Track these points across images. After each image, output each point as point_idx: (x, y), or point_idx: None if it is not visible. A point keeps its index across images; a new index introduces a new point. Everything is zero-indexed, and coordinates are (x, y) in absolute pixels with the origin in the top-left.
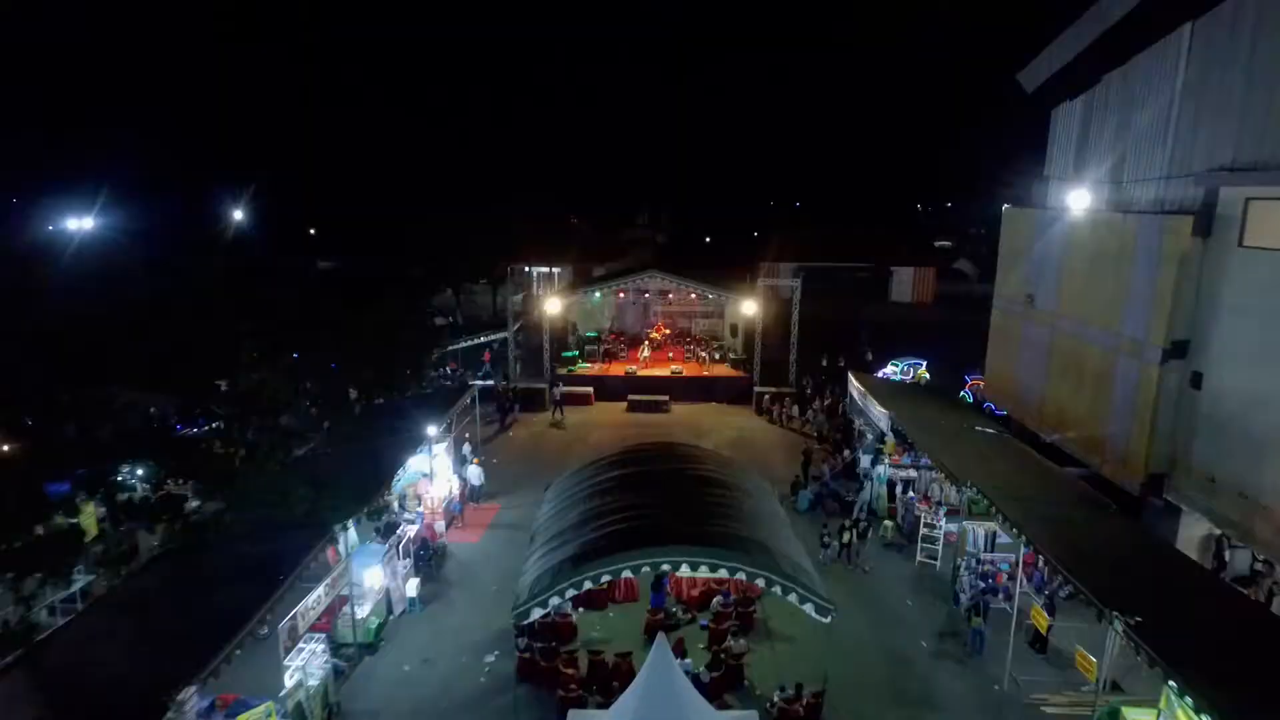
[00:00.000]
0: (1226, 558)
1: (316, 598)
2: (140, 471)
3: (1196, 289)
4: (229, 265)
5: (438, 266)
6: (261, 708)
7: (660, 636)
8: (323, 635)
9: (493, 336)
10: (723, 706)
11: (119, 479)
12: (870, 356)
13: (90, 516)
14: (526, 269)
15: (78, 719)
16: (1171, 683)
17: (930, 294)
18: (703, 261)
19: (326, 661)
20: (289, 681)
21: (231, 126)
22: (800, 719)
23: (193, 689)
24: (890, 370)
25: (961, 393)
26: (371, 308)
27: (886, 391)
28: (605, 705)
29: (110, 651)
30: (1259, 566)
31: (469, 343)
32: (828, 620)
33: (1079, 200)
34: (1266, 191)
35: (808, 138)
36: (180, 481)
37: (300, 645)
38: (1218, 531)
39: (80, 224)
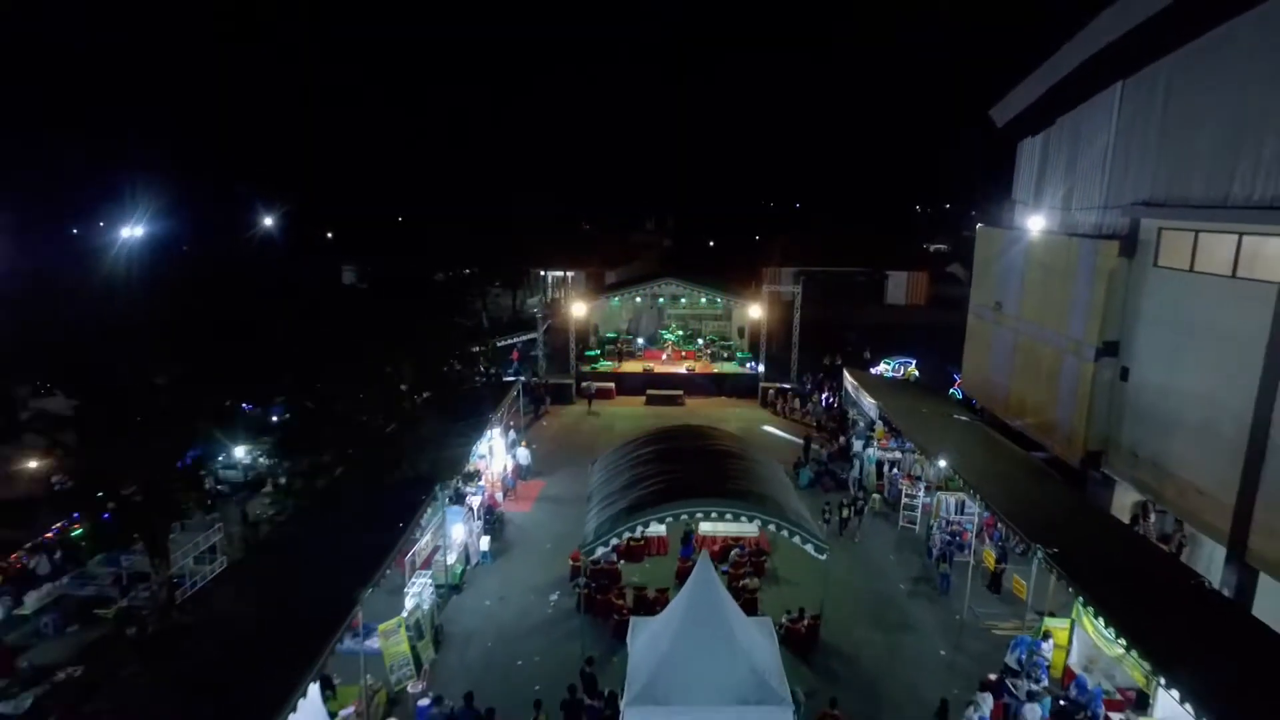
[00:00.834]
0: (1152, 519)
1: (425, 542)
2: (240, 451)
3: (1124, 299)
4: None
5: (467, 270)
6: (394, 620)
7: (704, 553)
8: (429, 572)
9: (525, 336)
10: None
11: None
12: (869, 355)
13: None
14: (543, 273)
15: (299, 609)
16: (1073, 591)
17: (923, 297)
18: (709, 266)
19: (434, 592)
20: (409, 604)
21: (242, 131)
22: (803, 636)
23: (368, 591)
24: (883, 368)
25: (951, 390)
26: (427, 311)
27: (877, 386)
28: None
29: (293, 572)
30: (1173, 526)
31: (507, 341)
32: (823, 557)
33: (1037, 223)
34: (1174, 223)
35: (807, 139)
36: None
37: (413, 580)
38: (1143, 498)
39: (133, 231)
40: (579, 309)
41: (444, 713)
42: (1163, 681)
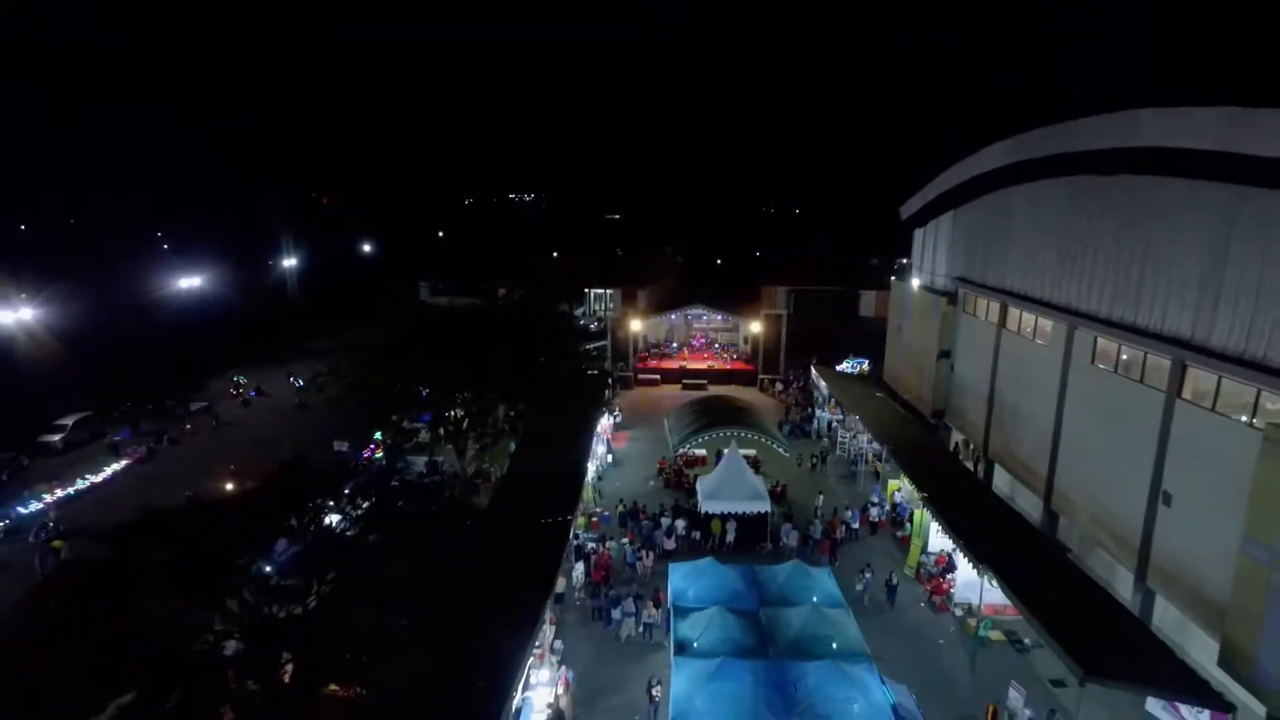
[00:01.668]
0: (971, 448)
1: (594, 445)
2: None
3: (954, 328)
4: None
5: (551, 290)
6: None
7: (733, 443)
8: (594, 461)
9: (599, 343)
10: None
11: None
12: (851, 355)
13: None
14: (585, 290)
15: (551, 480)
16: (901, 468)
17: (886, 310)
18: (718, 283)
19: (596, 468)
20: (590, 476)
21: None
22: (778, 494)
23: (578, 517)
24: (844, 366)
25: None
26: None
27: (833, 377)
28: None
29: (536, 466)
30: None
31: (588, 346)
32: (787, 455)
33: (916, 281)
34: (970, 290)
35: (805, 148)
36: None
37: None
38: (963, 436)
39: (291, 263)
40: (636, 324)
41: (618, 513)
42: (923, 495)
